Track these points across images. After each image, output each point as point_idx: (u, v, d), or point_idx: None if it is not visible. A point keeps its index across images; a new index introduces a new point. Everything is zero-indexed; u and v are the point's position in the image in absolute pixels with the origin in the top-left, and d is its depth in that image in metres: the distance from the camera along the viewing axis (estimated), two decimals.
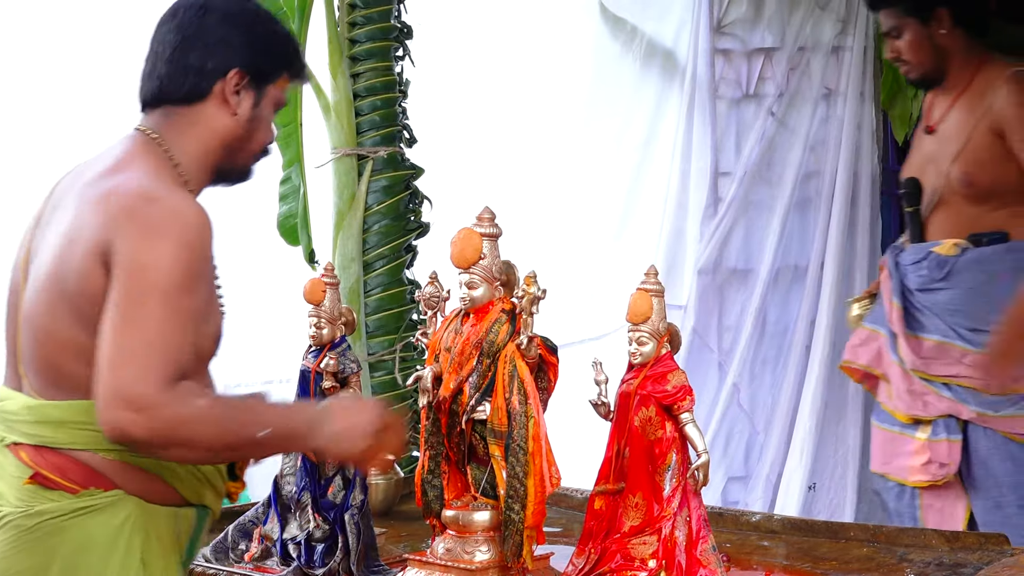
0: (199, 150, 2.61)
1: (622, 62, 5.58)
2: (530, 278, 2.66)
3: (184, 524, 2.53)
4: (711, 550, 2.65)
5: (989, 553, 2.99)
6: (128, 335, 2.33)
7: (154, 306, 2.35)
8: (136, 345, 2.33)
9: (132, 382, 2.30)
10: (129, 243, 2.38)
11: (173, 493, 2.50)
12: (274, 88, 2.64)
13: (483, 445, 2.70)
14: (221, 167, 2.65)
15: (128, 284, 2.35)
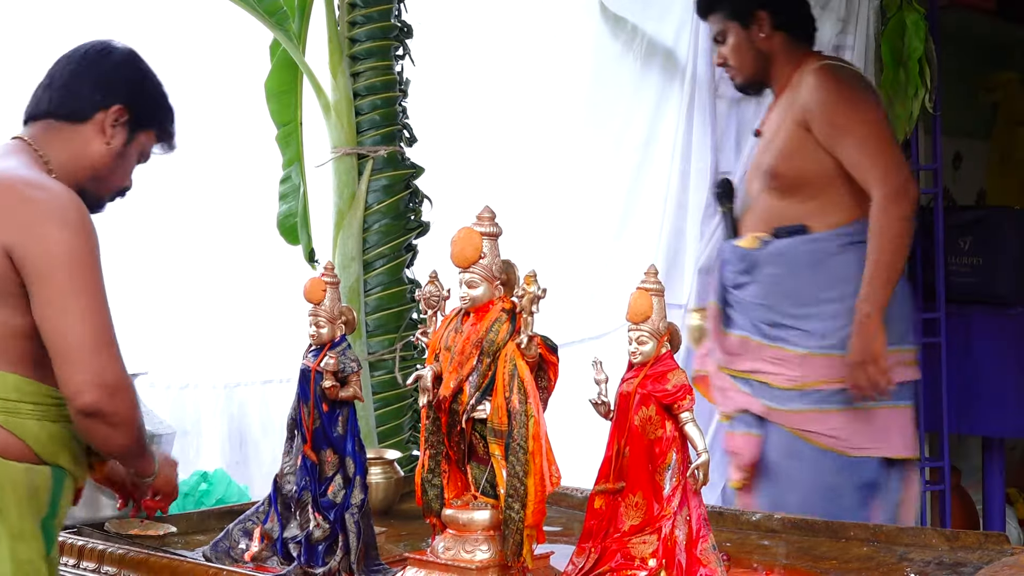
0: (69, 164, 2.95)
1: (622, 62, 5.58)
2: (530, 277, 2.66)
3: (40, 480, 2.79)
4: (711, 549, 2.65)
5: (989, 552, 2.99)
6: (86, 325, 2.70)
7: (94, 292, 2.73)
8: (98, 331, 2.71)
9: (108, 365, 2.71)
10: (36, 235, 2.70)
11: (26, 450, 2.76)
12: (144, 136, 3.04)
13: (483, 444, 2.70)
14: (83, 190, 2.93)
15: (67, 272, 2.70)
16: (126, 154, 3.01)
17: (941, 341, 5.88)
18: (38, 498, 2.78)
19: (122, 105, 2.97)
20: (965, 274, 6.06)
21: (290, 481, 3.04)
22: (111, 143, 2.97)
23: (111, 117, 2.97)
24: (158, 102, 3.08)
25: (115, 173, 3.01)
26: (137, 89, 3.02)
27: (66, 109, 2.95)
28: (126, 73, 3.02)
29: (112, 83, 2.98)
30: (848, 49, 5.47)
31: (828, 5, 5.44)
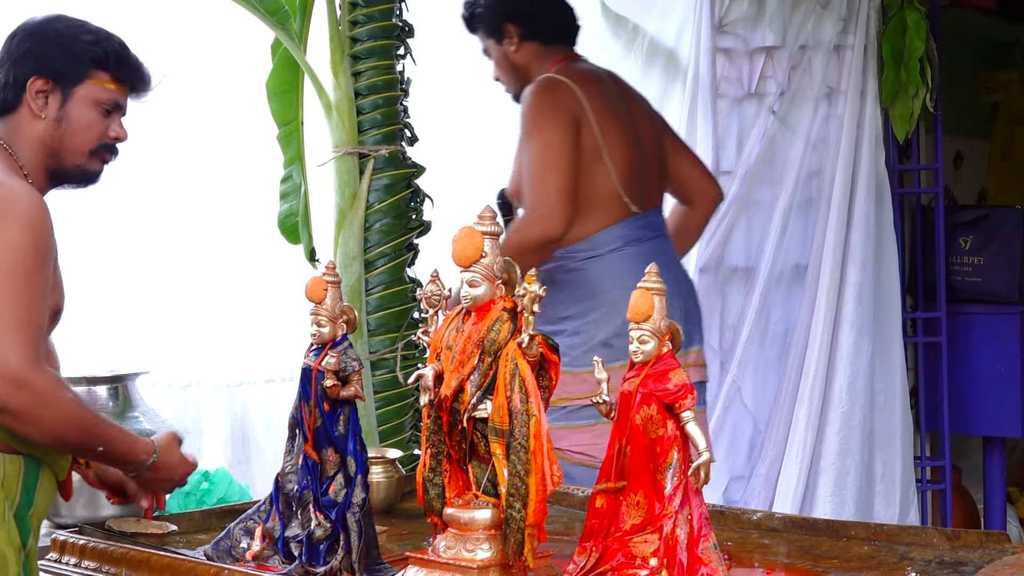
0: (29, 154, 2.94)
1: (624, 61, 5.57)
2: (531, 276, 2.66)
3: (10, 469, 2.79)
4: (712, 548, 2.65)
5: (990, 551, 2.99)
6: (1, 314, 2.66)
7: (17, 286, 2.69)
8: (9, 323, 2.66)
9: (12, 358, 2.65)
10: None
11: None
12: (85, 89, 2.96)
13: (484, 443, 2.70)
14: (53, 169, 2.96)
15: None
16: (70, 116, 2.95)
17: (942, 340, 5.88)
18: (7, 487, 2.78)
19: (35, 75, 2.93)
20: (966, 273, 6.07)
21: (291, 480, 3.03)
22: (45, 114, 2.94)
23: (32, 92, 2.93)
24: (72, 52, 2.96)
25: (69, 138, 2.96)
26: (42, 52, 2.95)
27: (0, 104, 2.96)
28: (30, 44, 2.96)
29: (19, 60, 2.95)
30: (849, 48, 5.47)
31: (829, 4, 5.45)
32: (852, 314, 5.44)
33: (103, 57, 2.98)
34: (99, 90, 2.98)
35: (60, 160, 2.96)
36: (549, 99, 4.48)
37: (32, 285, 2.72)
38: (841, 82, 5.48)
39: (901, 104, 5.62)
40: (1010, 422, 5.96)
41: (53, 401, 2.73)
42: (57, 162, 2.96)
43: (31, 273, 2.72)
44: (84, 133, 2.97)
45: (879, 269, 5.51)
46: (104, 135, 3.00)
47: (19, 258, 2.70)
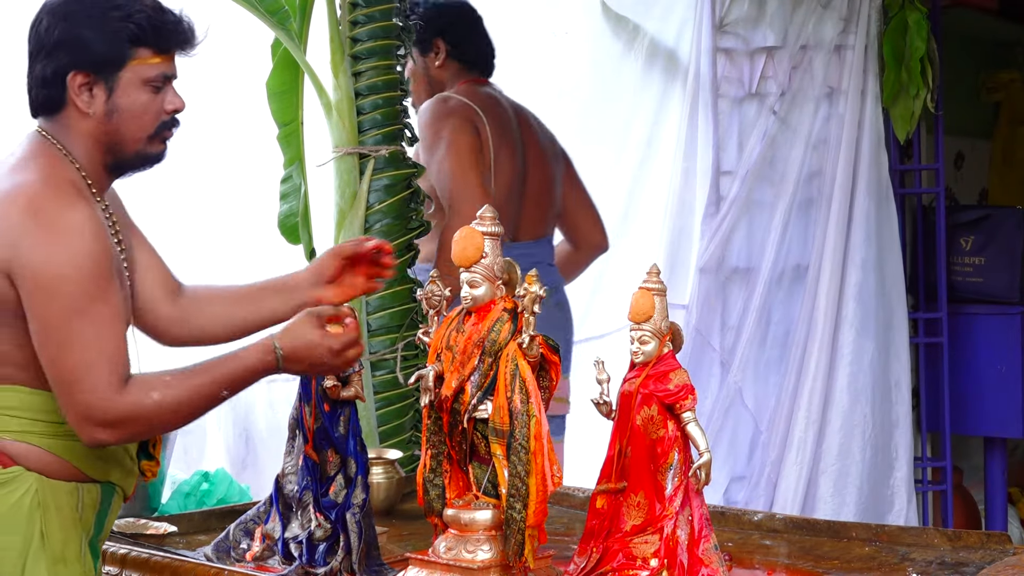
0: (83, 152, 2.69)
1: (624, 61, 5.57)
2: (532, 277, 2.66)
3: (88, 499, 2.65)
4: (713, 549, 2.65)
5: (991, 552, 2.99)
6: (69, 359, 2.51)
7: (79, 324, 2.51)
8: (80, 367, 2.50)
9: (92, 403, 2.51)
10: (31, 262, 2.52)
11: (75, 470, 2.63)
12: (130, 72, 2.66)
13: (485, 444, 2.70)
14: (112, 163, 2.72)
15: (47, 306, 2.51)
16: (120, 106, 2.67)
17: (943, 341, 5.88)
18: (85, 518, 2.66)
19: (73, 70, 2.64)
20: (967, 274, 6.06)
21: (291, 481, 3.03)
22: (92, 110, 2.66)
23: (75, 88, 2.65)
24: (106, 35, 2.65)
25: (124, 129, 2.69)
26: (74, 41, 2.64)
27: (42, 102, 2.70)
28: (59, 32, 2.65)
29: (52, 52, 2.65)
30: (850, 48, 5.47)
31: (830, 4, 5.44)
32: (853, 314, 5.44)
33: (140, 32, 2.66)
34: (144, 68, 2.67)
35: (118, 153, 2.71)
36: (448, 109, 4.70)
37: (93, 317, 2.52)
38: (842, 82, 5.48)
39: (902, 104, 5.61)
40: (1011, 423, 5.96)
41: (151, 413, 2.57)
42: (115, 156, 2.71)
43: (92, 305, 2.52)
44: (139, 119, 2.69)
45: (881, 270, 5.51)
46: (161, 112, 2.71)
47: (76, 293, 2.51)
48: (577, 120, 5.64)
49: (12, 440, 2.58)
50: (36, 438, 2.59)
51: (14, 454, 2.58)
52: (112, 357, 2.55)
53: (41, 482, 2.59)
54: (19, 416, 2.59)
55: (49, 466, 2.60)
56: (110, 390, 2.52)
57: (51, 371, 2.54)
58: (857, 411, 5.44)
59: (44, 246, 2.52)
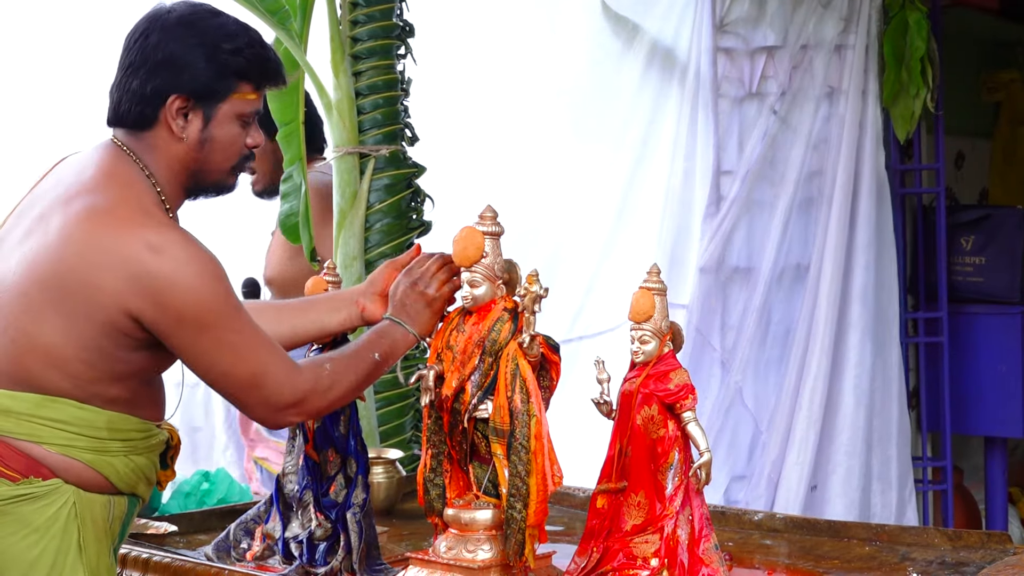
0: (165, 173, 2.68)
1: (623, 60, 5.57)
2: (532, 276, 2.66)
3: (117, 511, 2.67)
4: (713, 549, 2.65)
5: (992, 552, 2.99)
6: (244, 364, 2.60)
7: (236, 331, 2.59)
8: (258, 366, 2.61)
9: (280, 390, 2.61)
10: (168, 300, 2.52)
11: (109, 484, 2.64)
12: (229, 105, 2.66)
13: (485, 444, 2.70)
14: (190, 187, 2.73)
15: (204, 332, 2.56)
16: (214, 137, 2.67)
17: (943, 341, 5.88)
18: (113, 529, 2.69)
19: (175, 94, 2.62)
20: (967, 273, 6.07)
21: (292, 481, 3.03)
22: (185, 137, 2.64)
23: (171, 111, 2.62)
24: (222, 63, 2.64)
25: (212, 158, 2.69)
26: (183, 64, 2.62)
27: (129, 116, 2.65)
28: (168, 51, 2.62)
29: (156, 69, 2.62)
30: (850, 48, 5.47)
31: (830, 4, 5.44)
32: (855, 314, 5.44)
33: (247, 67, 2.67)
34: (242, 104, 2.68)
35: (199, 179, 2.71)
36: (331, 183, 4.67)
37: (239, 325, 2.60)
38: (842, 82, 5.48)
39: (902, 104, 5.61)
40: (1011, 422, 5.96)
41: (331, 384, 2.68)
42: (196, 181, 2.71)
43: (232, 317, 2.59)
44: (227, 151, 2.70)
45: (880, 270, 5.51)
46: (244, 147, 2.73)
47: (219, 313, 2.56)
48: (575, 118, 5.64)
49: (54, 452, 2.58)
50: (78, 452, 2.59)
51: (54, 466, 2.58)
52: (274, 347, 2.65)
53: (79, 495, 2.60)
54: (64, 430, 2.58)
55: (86, 480, 2.60)
56: (293, 372, 2.63)
57: (229, 383, 2.62)
58: (860, 411, 5.44)
59: (176, 282, 2.53)
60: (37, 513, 2.56)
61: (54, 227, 2.57)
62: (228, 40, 2.64)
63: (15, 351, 2.57)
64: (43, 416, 2.56)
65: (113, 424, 2.61)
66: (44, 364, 2.56)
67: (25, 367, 2.57)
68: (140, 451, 2.67)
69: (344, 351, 2.78)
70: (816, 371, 5.37)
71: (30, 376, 2.56)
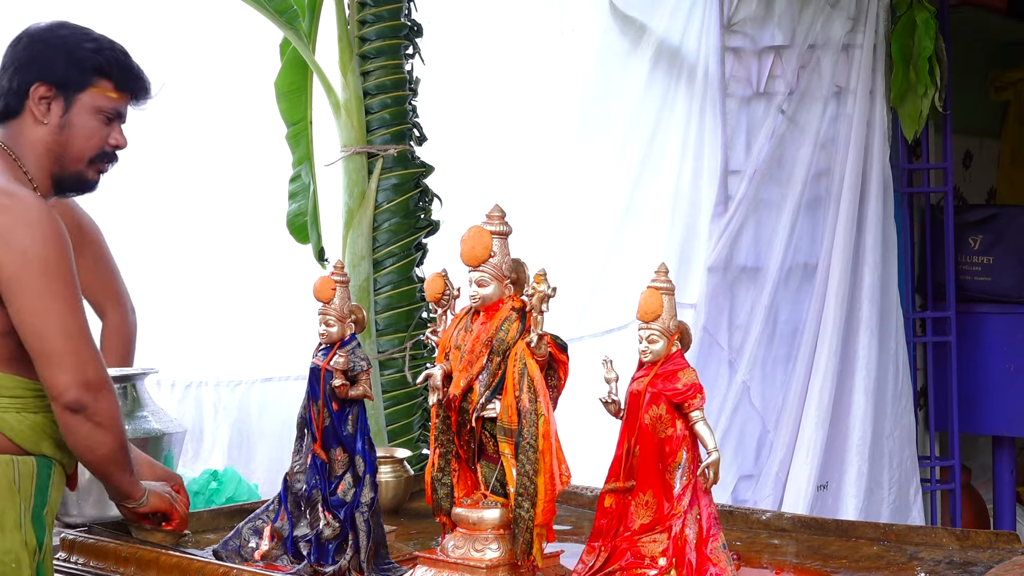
0: (33, 159, 2.95)
1: (631, 60, 5.57)
2: (540, 276, 2.66)
3: (25, 470, 2.85)
4: (721, 548, 2.65)
5: (1000, 551, 2.98)
6: (65, 328, 2.78)
7: (67, 297, 2.80)
8: (76, 335, 2.80)
9: (87, 366, 2.80)
10: (15, 242, 2.76)
11: (7, 442, 2.83)
12: (88, 96, 2.96)
13: (493, 443, 2.70)
14: (56, 175, 2.98)
15: (38, 281, 2.76)
16: (73, 123, 2.96)
17: (951, 340, 5.88)
18: (24, 489, 2.84)
19: (38, 81, 2.93)
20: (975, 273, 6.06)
21: (300, 480, 3.04)
22: (47, 120, 2.94)
23: (34, 97, 2.93)
24: (83, 58, 2.96)
25: (72, 144, 2.97)
26: (46, 59, 2.94)
27: (2, 109, 2.96)
28: (34, 50, 2.96)
29: (23, 65, 2.95)
30: (858, 48, 5.47)
31: (838, 4, 5.44)
32: (862, 314, 5.44)
33: (106, 65, 2.98)
34: (101, 98, 2.98)
35: (63, 166, 2.97)
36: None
37: (75, 292, 2.81)
38: (850, 81, 5.48)
39: (910, 103, 5.61)
40: (1020, 422, 5.96)
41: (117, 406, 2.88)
42: (60, 168, 2.97)
43: (70, 280, 2.80)
44: (86, 140, 2.98)
45: (887, 269, 5.52)
46: (104, 143, 3.01)
47: (58, 268, 2.78)
48: (582, 118, 5.65)
49: None
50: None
51: None
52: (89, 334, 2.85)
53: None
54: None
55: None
56: (100, 361, 2.84)
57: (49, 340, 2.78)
58: (869, 410, 5.44)
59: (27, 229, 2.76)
60: None
61: None
62: (91, 41, 2.99)
63: None
64: None
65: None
66: None
67: None
68: (34, 410, 2.86)
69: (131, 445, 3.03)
70: (824, 370, 5.37)
71: None
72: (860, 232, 5.45)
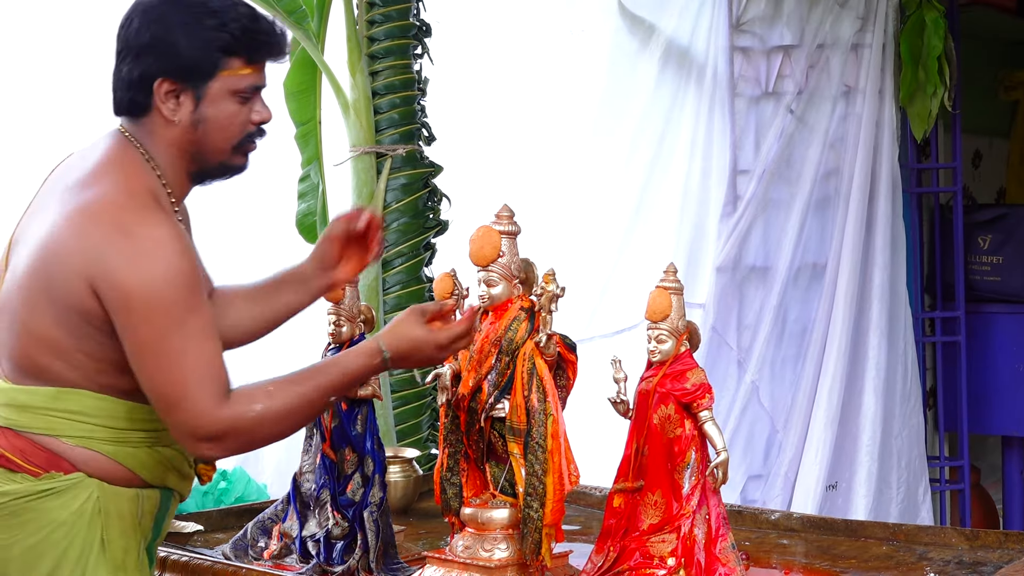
0: (165, 158, 2.59)
1: (640, 60, 5.57)
2: (549, 276, 2.66)
3: (148, 505, 2.60)
4: (730, 548, 2.65)
5: (1009, 551, 2.98)
6: (169, 377, 2.44)
7: (176, 339, 2.45)
8: (181, 384, 2.44)
9: (196, 419, 2.44)
10: (122, 283, 2.43)
11: (135, 476, 2.57)
12: (219, 83, 2.55)
13: (502, 443, 2.70)
14: (194, 172, 2.63)
15: (143, 326, 2.44)
16: (206, 117, 2.56)
17: (960, 340, 5.87)
18: (144, 524, 2.60)
19: (160, 77, 2.52)
20: (985, 272, 6.06)
21: (309, 480, 3.04)
22: (178, 118, 2.55)
23: (160, 95, 2.53)
24: (197, 45, 2.53)
25: (209, 139, 2.58)
26: (165, 47, 2.53)
27: (126, 104, 2.58)
28: (149, 35, 2.53)
29: (140, 54, 2.53)
30: (867, 47, 5.47)
31: (847, 3, 5.44)
32: (871, 313, 5.44)
33: (233, 42, 2.54)
34: (234, 79, 2.56)
35: (202, 162, 2.61)
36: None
37: (189, 331, 2.46)
38: (859, 81, 5.47)
39: (919, 103, 5.61)
40: None
41: (255, 424, 2.50)
42: (199, 164, 2.61)
43: (185, 318, 2.45)
44: (225, 130, 2.59)
45: (896, 269, 5.51)
46: (247, 123, 2.61)
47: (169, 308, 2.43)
48: (591, 118, 5.64)
49: (74, 445, 2.53)
50: (98, 444, 2.54)
51: (75, 460, 2.52)
52: (210, 371, 2.49)
53: (103, 488, 2.54)
54: (82, 421, 2.53)
55: (110, 472, 2.55)
56: (212, 404, 2.46)
57: (151, 390, 2.48)
58: (878, 410, 5.44)
59: (134, 265, 2.44)
60: (61, 508, 2.52)
61: (49, 219, 2.53)
62: (210, 16, 2.54)
63: (22, 345, 2.54)
64: (60, 409, 2.52)
65: (133, 414, 2.55)
66: (50, 356, 2.51)
67: (34, 361, 2.53)
68: (166, 442, 2.59)
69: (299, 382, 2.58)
70: (833, 370, 5.37)
71: (41, 369, 2.52)
72: (869, 232, 5.45)
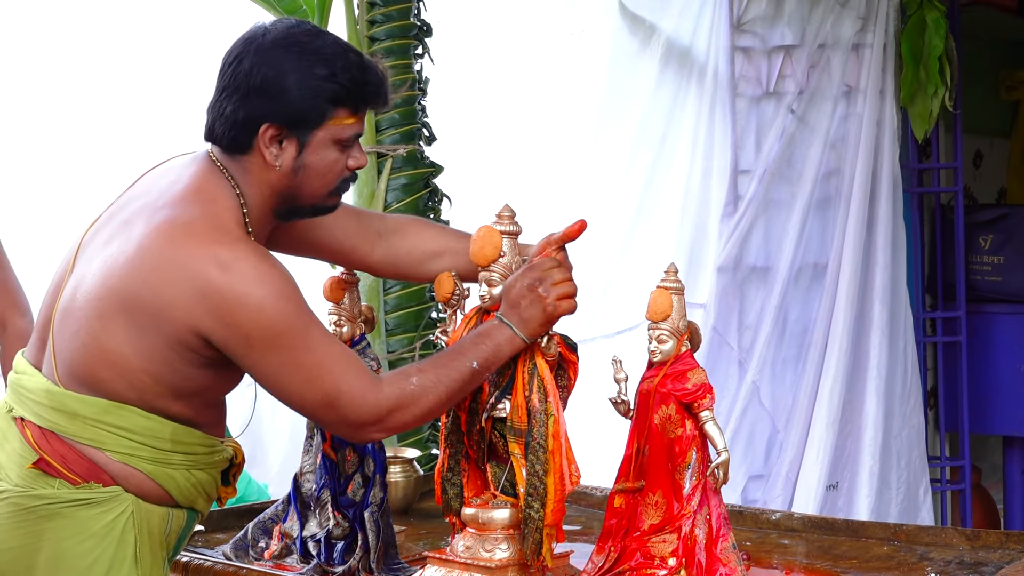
0: (255, 196, 2.60)
1: (641, 60, 5.57)
2: None
3: (175, 524, 2.65)
4: (731, 548, 2.65)
5: (1010, 552, 2.98)
6: (321, 383, 2.52)
7: (308, 354, 2.50)
8: (331, 385, 2.52)
9: (361, 407, 2.53)
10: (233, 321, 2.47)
11: (169, 497, 2.61)
12: (324, 132, 2.56)
13: (503, 443, 2.70)
14: (282, 212, 2.66)
15: (278, 351, 2.49)
16: (308, 164, 2.58)
17: (961, 340, 5.87)
18: (169, 541, 2.66)
19: (268, 122, 2.53)
20: (986, 272, 6.06)
21: (309, 480, 3.04)
22: (280, 164, 2.56)
23: (265, 139, 2.54)
24: (308, 94, 2.54)
25: (307, 185, 2.60)
26: (275, 93, 2.53)
27: (224, 139, 2.58)
28: (262, 78, 2.53)
29: (249, 96, 2.53)
30: (868, 47, 5.47)
31: (848, 3, 5.44)
32: (872, 313, 5.44)
33: (342, 94, 2.55)
34: (339, 129, 2.57)
35: (292, 204, 2.63)
36: None
37: (318, 340, 2.52)
38: (860, 81, 5.48)
39: (920, 103, 5.61)
40: None
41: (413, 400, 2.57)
42: (288, 206, 2.63)
43: (310, 331, 2.51)
44: (323, 177, 2.60)
45: (897, 269, 5.52)
46: (344, 170, 2.63)
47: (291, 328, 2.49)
48: (592, 118, 5.64)
49: (116, 460, 2.55)
50: (139, 461, 2.57)
51: (115, 473, 2.55)
52: (353, 364, 2.57)
53: (138, 505, 2.57)
54: (128, 438, 2.55)
55: (147, 490, 2.58)
56: (369, 388, 2.54)
57: (304, 407, 2.57)
58: (879, 410, 5.44)
59: (242, 303, 2.47)
60: (95, 519, 2.54)
61: (135, 236, 2.53)
62: (323, 64, 2.54)
63: (86, 355, 2.54)
64: (109, 422, 2.54)
65: (178, 436, 2.58)
66: (112, 372, 2.52)
67: (93, 372, 2.54)
68: (202, 466, 2.64)
69: (440, 357, 2.64)
70: (834, 370, 5.37)
71: (99, 382, 2.54)
72: (870, 232, 5.45)
